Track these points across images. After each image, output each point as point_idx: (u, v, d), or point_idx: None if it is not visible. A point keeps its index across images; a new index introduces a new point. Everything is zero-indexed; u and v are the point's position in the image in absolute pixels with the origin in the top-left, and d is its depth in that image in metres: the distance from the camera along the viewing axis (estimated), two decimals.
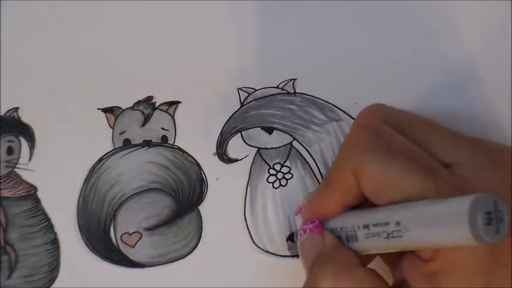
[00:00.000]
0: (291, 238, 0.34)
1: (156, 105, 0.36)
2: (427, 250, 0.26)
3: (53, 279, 0.34)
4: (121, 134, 0.36)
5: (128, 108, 0.36)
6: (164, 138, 0.35)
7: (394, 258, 0.29)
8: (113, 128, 0.36)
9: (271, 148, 0.35)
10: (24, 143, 0.36)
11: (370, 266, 0.29)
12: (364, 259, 0.29)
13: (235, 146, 0.35)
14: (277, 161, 0.35)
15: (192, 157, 0.35)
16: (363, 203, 0.29)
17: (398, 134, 0.28)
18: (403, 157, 0.26)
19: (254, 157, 0.35)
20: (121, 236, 0.35)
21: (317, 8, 0.36)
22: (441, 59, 0.35)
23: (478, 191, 0.24)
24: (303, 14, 0.36)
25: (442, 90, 0.35)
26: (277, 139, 0.35)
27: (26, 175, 0.35)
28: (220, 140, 0.35)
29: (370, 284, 0.27)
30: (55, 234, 0.35)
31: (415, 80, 0.35)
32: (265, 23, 0.36)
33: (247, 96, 0.36)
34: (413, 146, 0.28)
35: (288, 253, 0.34)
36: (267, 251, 0.34)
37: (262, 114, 0.35)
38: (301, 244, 0.30)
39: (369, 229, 0.27)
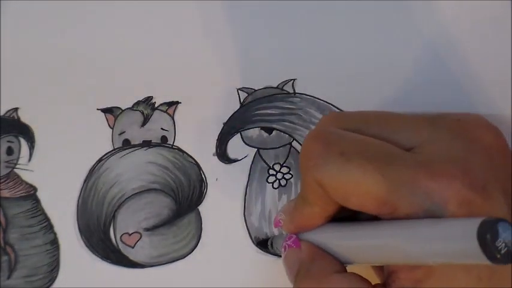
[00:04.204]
0: (261, 243, 0.34)
1: (156, 105, 0.36)
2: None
3: (52, 280, 0.34)
4: (120, 134, 0.36)
5: (127, 108, 0.36)
6: (164, 139, 0.35)
7: None
8: (112, 129, 0.36)
9: (271, 148, 0.35)
10: (24, 143, 0.36)
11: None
12: None
13: (235, 146, 0.35)
14: (277, 161, 0.35)
15: (191, 157, 0.35)
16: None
17: (349, 133, 0.28)
18: (359, 156, 0.26)
19: (254, 157, 0.35)
20: (121, 236, 0.35)
21: (317, 8, 0.36)
22: (441, 59, 0.35)
23: (445, 166, 0.24)
24: (303, 13, 0.36)
25: (441, 91, 0.35)
26: (277, 139, 0.35)
27: (25, 175, 0.35)
28: (219, 140, 0.35)
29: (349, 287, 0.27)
30: (55, 234, 0.35)
31: (415, 80, 0.35)
32: (265, 23, 0.36)
33: (247, 96, 0.36)
34: (368, 139, 0.27)
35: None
36: (266, 251, 0.34)
37: (262, 114, 0.35)
38: (284, 261, 0.30)
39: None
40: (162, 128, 0.36)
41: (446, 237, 0.23)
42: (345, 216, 0.29)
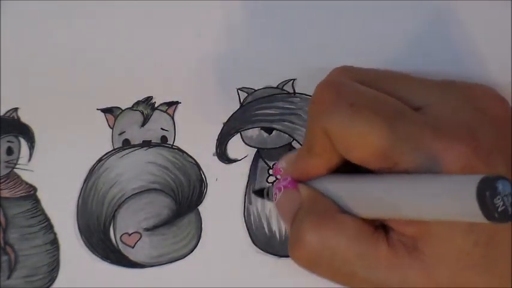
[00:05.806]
0: (257, 192, 0.34)
1: (156, 105, 0.36)
2: None
3: (52, 280, 0.34)
4: (120, 134, 0.36)
5: (127, 108, 0.36)
6: (164, 139, 0.36)
7: None
8: (112, 129, 0.36)
9: (271, 148, 0.35)
10: (23, 143, 0.36)
11: None
12: None
13: (235, 146, 0.35)
14: (277, 161, 0.35)
15: (191, 157, 0.35)
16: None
17: (361, 86, 0.28)
18: (367, 109, 0.26)
19: (254, 157, 0.35)
20: (120, 236, 0.35)
21: (317, 8, 0.36)
22: (440, 59, 0.35)
23: (452, 128, 0.24)
24: (303, 13, 0.36)
25: None
26: (277, 139, 0.35)
27: (25, 175, 0.35)
28: (219, 140, 0.35)
29: (355, 228, 0.27)
30: (55, 234, 0.35)
31: None
32: (265, 22, 0.36)
33: (247, 96, 0.36)
34: (378, 94, 0.27)
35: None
36: (266, 251, 0.34)
37: (261, 114, 0.35)
38: (278, 203, 0.30)
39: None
40: (162, 128, 0.36)
41: (445, 192, 0.22)
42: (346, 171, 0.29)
